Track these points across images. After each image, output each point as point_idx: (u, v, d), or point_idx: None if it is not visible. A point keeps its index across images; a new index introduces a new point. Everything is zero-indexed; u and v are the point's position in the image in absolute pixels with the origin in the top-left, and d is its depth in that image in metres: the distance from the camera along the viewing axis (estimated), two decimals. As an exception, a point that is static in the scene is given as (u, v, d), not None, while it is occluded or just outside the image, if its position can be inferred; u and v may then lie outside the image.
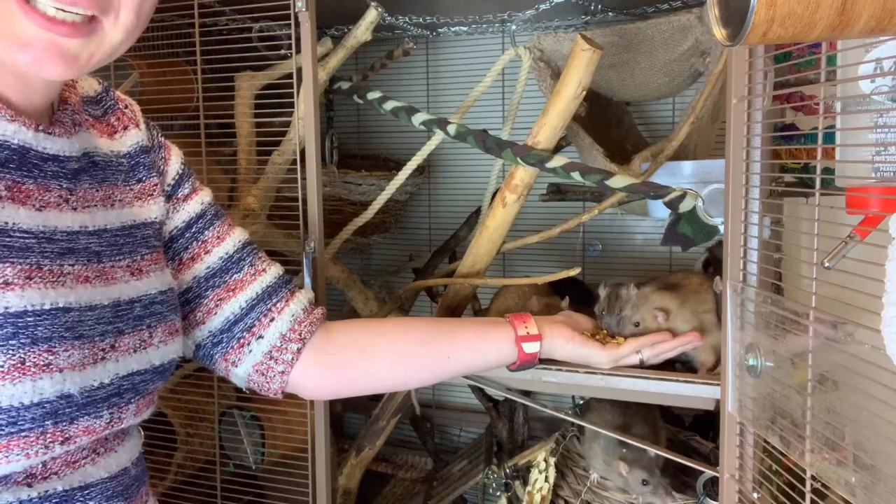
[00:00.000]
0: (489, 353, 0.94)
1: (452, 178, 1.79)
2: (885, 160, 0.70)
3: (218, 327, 0.86)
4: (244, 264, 0.88)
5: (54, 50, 0.58)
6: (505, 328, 0.95)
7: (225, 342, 0.86)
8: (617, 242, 1.66)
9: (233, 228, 0.89)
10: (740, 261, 0.87)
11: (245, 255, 0.89)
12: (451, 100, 1.71)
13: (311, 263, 1.15)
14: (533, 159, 1.10)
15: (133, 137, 0.81)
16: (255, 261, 0.89)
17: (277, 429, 1.43)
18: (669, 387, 1.03)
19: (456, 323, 0.98)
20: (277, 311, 0.88)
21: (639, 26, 1.18)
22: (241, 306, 0.87)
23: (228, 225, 0.89)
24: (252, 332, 0.87)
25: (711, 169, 1.17)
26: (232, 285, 0.87)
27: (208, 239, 0.87)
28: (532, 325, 0.95)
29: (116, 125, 0.80)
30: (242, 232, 0.90)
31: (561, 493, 1.26)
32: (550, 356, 0.98)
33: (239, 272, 0.88)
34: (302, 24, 1.14)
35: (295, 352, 0.88)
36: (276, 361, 0.87)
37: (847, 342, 0.66)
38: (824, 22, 0.49)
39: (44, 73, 0.59)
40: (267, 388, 0.88)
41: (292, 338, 0.88)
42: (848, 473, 0.66)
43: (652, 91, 1.30)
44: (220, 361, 0.87)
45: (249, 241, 0.91)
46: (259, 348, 0.87)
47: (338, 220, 1.45)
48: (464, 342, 0.93)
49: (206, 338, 0.86)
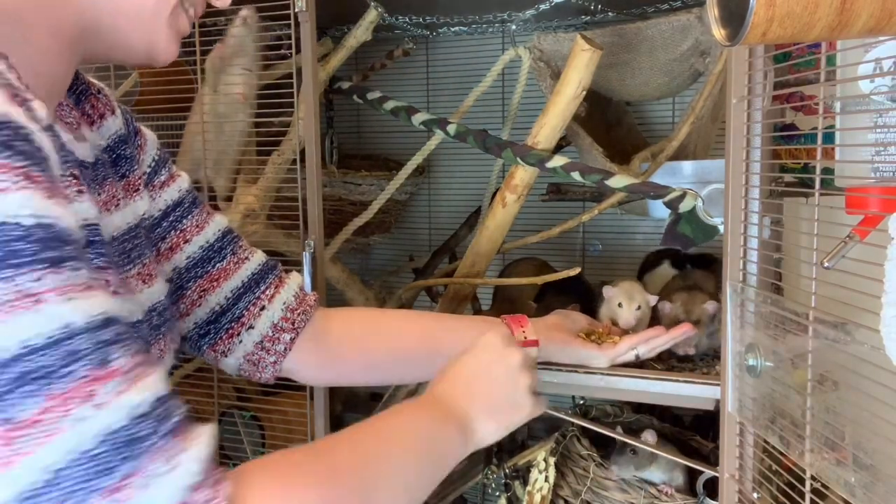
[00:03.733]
0: None
1: (452, 178, 1.79)
2: (885, 160, 0.70)
3: (204, 318, 0.83)
4: (226, 253, 0.84)
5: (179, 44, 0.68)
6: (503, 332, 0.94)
7: (213, 333, 0.84)
8: (617, 242, 1.66)
9: (212, 216, 0.85)
10: (740, 261, 0.87)
11: (226, 244, 0.85)
12: (451, 100, 1.70)
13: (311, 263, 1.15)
14: (533, 159, 1.10)
15: (111, 127, 0.74)
16: (236, 249, 0.86)
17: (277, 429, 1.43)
18: (669, 387, 1.03)
19: (455, 321, 0.98)
20: (267, 299, 0.85)
21: (639, 26, 1.18)
22: (226, 296, 0.83)
23: (207, 212, 0.85)
24: (241, 322, 0.84)
25: (711, 169, 1.17)
26: (215, 275, 0.83)
27: (187, 227, 0.82)
28: (530, 330, 0.94)
29: (92, 114, 0.72)
30: (222, 219, 0.86)
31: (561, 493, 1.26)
32: (548, 360, 0.99)
33: (221, 261, 0.84)
34: (302, 24, 1.14)
35: (288, 342, 0.85)
36: (267, 352, 0.85)
37: (847, 342, 0.66)
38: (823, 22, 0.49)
39: (171, 58, 0.67)
40: (258, 377, 0.87)
41: (285, 327, 0.86)
42: (848, 473, 0.66)
43: (652, 91, 1.30)
44: (208, 351, 0.85)
45: (230, 229, 0.87)
46: (250, 338, 0.84)
47: (338, 220, 1.45)
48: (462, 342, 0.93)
49: (193, 329, 0.83)
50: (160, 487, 0.44)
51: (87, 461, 0.42)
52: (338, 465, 0.57)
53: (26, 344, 0.41)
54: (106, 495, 0.42)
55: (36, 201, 0.44)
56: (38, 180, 0.44)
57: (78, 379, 0.43)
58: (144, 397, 0.45)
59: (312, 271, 1.15)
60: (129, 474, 0.43)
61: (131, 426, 0.44)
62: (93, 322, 0.44)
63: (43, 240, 0.43)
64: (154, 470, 0.44)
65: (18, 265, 0.42)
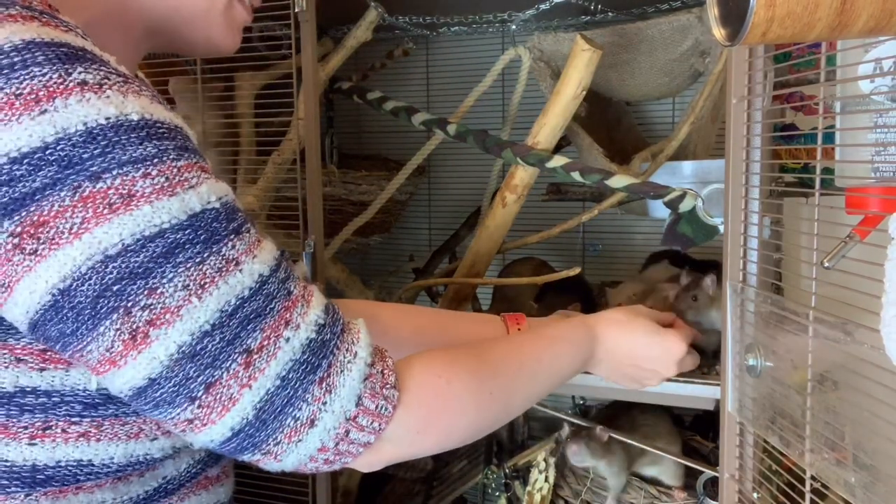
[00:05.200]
0: None
1: (452, 178, 1.79)
2: (885, 160, 0.70)
3: None
4: None
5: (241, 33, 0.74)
6: (498, 328, 0.94)
7: None
8: (617, 242, 1.66)
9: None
10: (740, 261, 0.87)
11: None
12: (451, 100, 1.70)
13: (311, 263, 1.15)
14: (533, 159, 1.10)
15: None
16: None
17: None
18: (669, 387, 1.03)
19: (450, 316, 0.97)
20: None
21: (639, 26, 1.18)
22: None
23: None
24: None
25: (711, 169, 1.17)
26: None
27: None
28: (525, 329, 0.94)
29: None
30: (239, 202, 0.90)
31: (561, 493, 1.26)
32: None
33: None
34: (302, 24, 1.14)
35: None
36: None
37: (847, 342, 0.66)
38: (823, 22, 0.49)
39: (233, 48, 0.73)
40: None
41: None
42: (848, 473, 0.66)
43: (652, 91, 1.30)
44: None
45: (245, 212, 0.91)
46: None
47: (338, 220, 1.45)
48: (455, 337, 0.93)
49: None
50: (351, 370, 0.59)
51: (300, 365, 0.57)
52: (491, 370, 0.70)
53: (241, 296, 0.55)
54: (319, 384, 0.57)
55: (213, 187, 0.56)
56: (206, 168, 0.57)
57: (278, 312, 0.57)
58: (319, 312, 0.60)
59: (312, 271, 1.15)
60: (328, 366, 0.58)
61: (318, 335, 0.59)
62: (273, 266, 0.58)
63: (226, 215, 0.56)
64: (342, 359, 0.59)
65: (220, 240, 0.55)
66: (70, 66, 0.50)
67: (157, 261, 0.52)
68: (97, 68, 0.51)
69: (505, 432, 1.52)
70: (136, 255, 0.51)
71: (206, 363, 0.53)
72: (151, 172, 0.52)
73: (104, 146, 0.50)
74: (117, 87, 0.52)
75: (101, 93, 0.51)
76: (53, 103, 0.49)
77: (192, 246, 0.53)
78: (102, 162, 0.50)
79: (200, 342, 0.53)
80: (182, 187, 0.53)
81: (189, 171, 0.54)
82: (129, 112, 0.52)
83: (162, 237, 0.52)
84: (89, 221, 0.50)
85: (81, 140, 0.50)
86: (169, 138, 0.54)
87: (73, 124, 0.49)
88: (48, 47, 0.50)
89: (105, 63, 0.53)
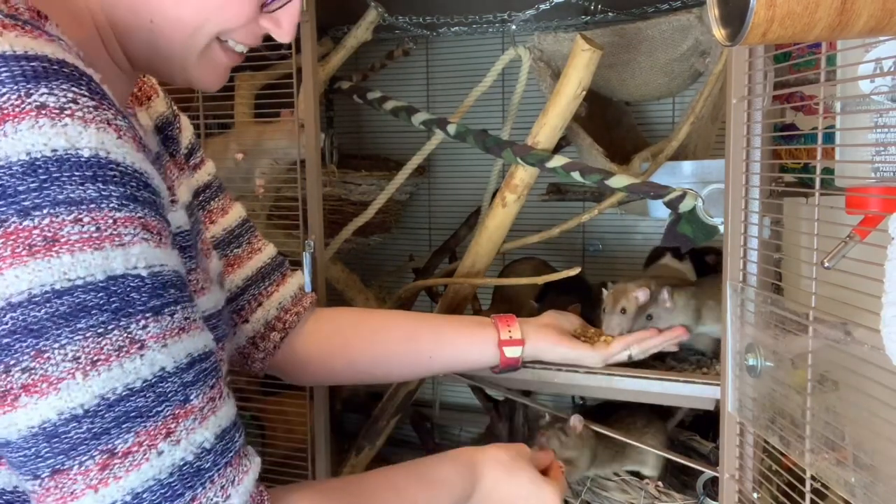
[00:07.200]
0: (471, 354, 0.94)
1: (452, 178, 1.79)
2: (885, 160, 0.70)
3: None
4: (243, 241, 0.87)
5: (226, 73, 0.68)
6: (489, 331, 0.94)
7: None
8: (617, 242, 1.66)
9: (233, 203, 0.89)
10: (740, 261, 0.87)
11: (244, 231, 0.88)
12: (451, 100, 1.70)
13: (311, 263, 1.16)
14: (533, 159, 1.10)
15: (157, 108, 0.76)
16: (252, 238, 0.89)
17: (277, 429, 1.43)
18: (669, 387, 1.03)
19: (441, 321, 0.97)
20: (266, 296, 0.87)
21: (639, 26, 1.18)
22: (237, 285, 0.86)
23: (230, 199, 0.88)
24: (241, 315, 0.86)
25: (711, 169, 1.17)
26: (231, 260, 0.86)
27: (214, 209, 0.85)
28: (515, 329, 0.94)
29: (140, 96, 0.75)
30: (241, 207, 0.89)
31: (561, 493, 1.26)
32: (539, 359, 0.98)
33: (238, 247, 0.86)
34: (302, 24, 1.14)
35: (277, 341, 0.88)
36: (257, 348, 0.87)
37: (847, 342, 0.66)
38: (824, 22, 0.49)
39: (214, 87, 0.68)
40: (248, 369, 0.89)
41: (276, 326, 0.88)
42: (848, 473, 0.66)
43: (652, 91, 1.30)
44: None
45: (247, 218, 0.90)
46: (243, 333, 0.87)
47: (338, 220, 1.45)
48: (446, 342, 0.93)
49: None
50: None
51: (160, 488, 0.50)
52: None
53: (130, 386, 0.49)
54: None
55: (149, 251, 0.50)
56: (152, 228, 0.51)
57: (163, 418, 0.50)
58: (210, 434, 0.53)
59: (312, 271, 1.15)
60: (191, 499, 0.51)
61: (196, 460, 0.52)
62: (180, 365, 0.52)
63: (150, 288, 0.50)
64: (211, 497, 0.53)
65: (132, 314, 0.49)
66: (34, 85, 0.46)
67: (57, 321, 0.46)
68: (66, 89, 0.47)
69: (505, 432, 1.52)
70: (37, 310, 0.46)
71: (61, 449, 0.48)
72: (83, 218, 0.47)
73: (42, 181, 0.46)
74: (81, 115, 0.47)
75: (58, 119, 0.46)
76: (3, 127, 0.45)
77: (98, 313, 0.48)
78: (36, 198, 0.46)
79: (65, 425, 0.47)
80: (111, 242, 0.48)
81: (126, 225, 0.49)
82: (80, 147, 0.47)
83: (70, 294, 0.47)
84: (4, 261, 0.45)
85: (21, 171, 0.46)
86: (117, 183, 0.48)
87: (17, 152, 0.46)
88: (17, 62, 0.46)
89: (82, 82, 0.49)
